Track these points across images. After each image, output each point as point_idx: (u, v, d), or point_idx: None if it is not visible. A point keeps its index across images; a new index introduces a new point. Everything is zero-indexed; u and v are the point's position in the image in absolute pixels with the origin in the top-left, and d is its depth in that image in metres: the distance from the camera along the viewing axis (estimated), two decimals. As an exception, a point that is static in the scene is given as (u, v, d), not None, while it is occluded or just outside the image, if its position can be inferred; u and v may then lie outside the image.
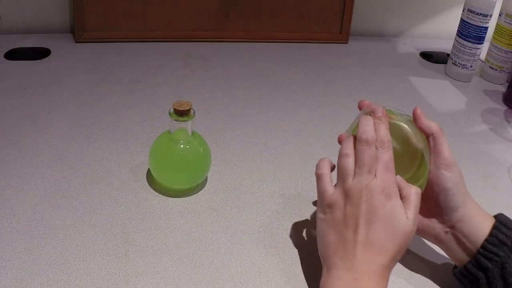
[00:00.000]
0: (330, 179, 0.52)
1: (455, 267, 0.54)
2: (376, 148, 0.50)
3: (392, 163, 0.50)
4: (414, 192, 0.50)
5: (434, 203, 0.53)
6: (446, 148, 0.52)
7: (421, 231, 0.55)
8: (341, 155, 0.52)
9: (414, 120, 0.54)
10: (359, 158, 0.50)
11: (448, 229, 0.53)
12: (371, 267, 0.47)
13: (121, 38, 1.03)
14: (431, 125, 0.53)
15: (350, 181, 0.50)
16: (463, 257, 0.52)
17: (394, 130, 0.53)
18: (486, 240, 0.50)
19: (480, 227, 0.51)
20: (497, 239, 0.49)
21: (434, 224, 0.53)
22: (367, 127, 0.52)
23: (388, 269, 0.48)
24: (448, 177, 0.51)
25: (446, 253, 0.55)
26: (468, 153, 0.79)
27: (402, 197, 0.50)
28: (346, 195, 0.50)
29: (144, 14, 1.04)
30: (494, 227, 0.50)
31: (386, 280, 0.48)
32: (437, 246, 0.56)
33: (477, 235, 0.51)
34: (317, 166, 0.54)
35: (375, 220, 0.48)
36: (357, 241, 0.48)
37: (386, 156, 0.50)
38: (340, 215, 0.50)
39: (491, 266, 0.49)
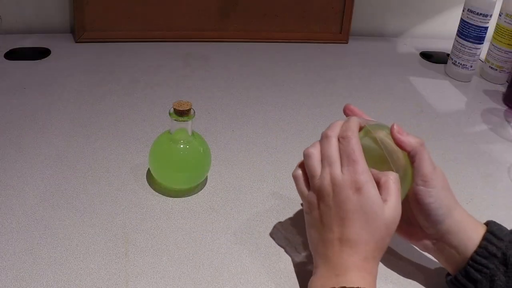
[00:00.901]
0: (305, 179, 0.52)
1: (448, 274, 0.53)
2: (339, 141, 0.50)
3: (358, 153, 0.48)
4: (392, 179, 0.49)
5: (419, 216, 0.52)
6: (425, 165, 0.50)
7: (408, 240, 0.55)
8: (304, 156, 0.52)
9: (393, 139, 0.52)
10: (321, 154, 0.50)
11: (435, 241, 0.52)
12: (350, 261, 0.47)
13: (121, 38, 1.03)
14: (410, 141, 0.51)
15: (316, 180, 0.50)
16: (454, 267, 0.52)
17: (374, 148, 0.52)
18: (475, 252, 0.49)
19: (469, 238, 0.50)
20: (486, 251, 0.49)
21: (422, 234, 0.53)
22: (332, 125, 0.52)
23: (370, 260, 0.47)
24: (427, 193, 0.50)
25: (437, 260, 0.54)
26: (468, 153, 0.79)
27: (380, 186, 0.48)
28: (317, 194, 0.50)
29: (144, 14, 1.04)
30: (484, 238, 0.49)
31: (370, 271, 0.47)
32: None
33: (466, 246, 0.50)
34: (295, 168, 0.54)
35: (345, 215, 0.47)
36: (333, 239, 0.48)
37: (349, 147, 0.49)
38: (316, 215, 0.50)
39: (481, 278, 0.49)
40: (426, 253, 0.57)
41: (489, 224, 0.51)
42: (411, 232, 0.54)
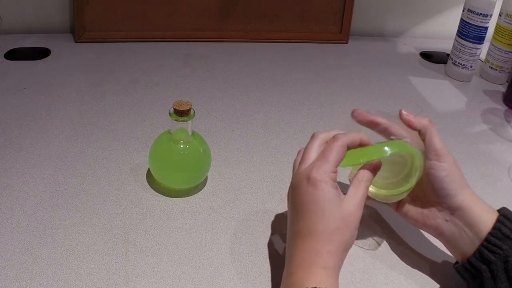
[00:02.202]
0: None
1: (456, 262, 0.54)
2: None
3: (333, 154, 0.49)
4: (363, 177, 0.51)
5: (432, 193, 0.53)
6: (436, 140, 0.52)
7: (421, 223, 0.55)
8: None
9: (403, 122, 0.54)
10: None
11: (448, 217, 0.53)
12: (301, 256, 0.47)
13: (121, 38, 1.03)
14: (421, 120, 0.54)
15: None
16: (465, 250, 0.52)
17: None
18: (489, 233, 0.50)
19: (482, 219, 0.51)
20: (500, 232, 0.49)
21: (434, 214, 0.54)
22: (330, 131, 0.54)
23: (323, 253, 0.47)
24: (440, 167, 0.52)
25: (447, 247, 0.55)
26: (468, 153, 0.79)
27: (352, 182, 0.51)
28: (290, 189, 0.52)
29: (144, 14, 1.04)
30: (498, 220, 0.50)
31: (324, 265, 0.46)
32: (437, 243, 0.56)
33: (479, 226, 0.51)
34: None
35: (299, 208, 0.49)
36: (288, 234, 0.50)
37: (330, 146, 0.50)
38: (288, 210, 0.52)
39: (494, 259, 0.49)
40: (433, 244, 0.57)
41: (502, 209, 0.52)
42: (423, 214, 0.55)
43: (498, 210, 0.52)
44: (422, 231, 0.60)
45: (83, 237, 0.57)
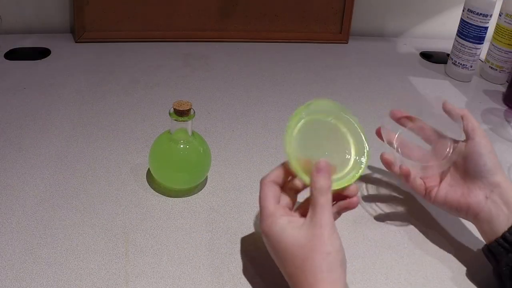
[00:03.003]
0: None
1: (485, 245, 0.55)
2: None
3: (262, 198, 0.51)
4: (313, 198, 0.49)
5: (474, 169, 0.56)
6: (476, 123, 0.57)
7: (463, 204, 0.56)
8: None
9: (445, 111, 0.60)
10: None
11: (488, 194, 0.55)
12: None
13: (121, 38, 1.03)
14: (461, 111, 0.59)
15: None
16: (498, 229, 0.53)
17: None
18: None
19: None
20: None
21: (475, 192, 0.56)
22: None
23: (314, 284, 0.45)
24: (483, 144, 0.56)
25: (480, 228, 0.56)
26: (468, 153, 0.79)
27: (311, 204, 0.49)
28: None
29: (144, 14, 1.04)
30: None
31: None
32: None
33: None
34: None
35: (274, 258, 0.50)
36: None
37: (259, 195, 0.52)
38: None
39: None
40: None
41: None
42: (463, 194, 0.57)
43: None
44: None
45: (83, 237, 0.57)
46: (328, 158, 0.51)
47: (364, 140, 0.54)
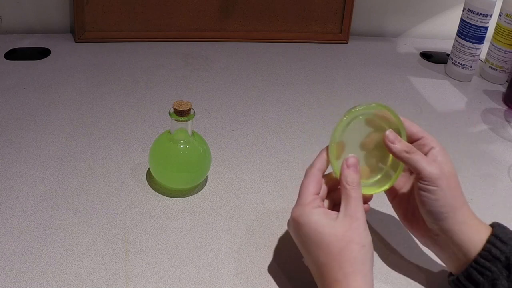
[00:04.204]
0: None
1: (451, 273, 0.53)
2: None
3: (303, 186, 0.51)
4: (343, 183, 0.50)
5: (421, 211, 0.52)
6: (424, 163, 0.50)
7: (414, 231, 0.55)
8: None
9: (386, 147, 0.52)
10: None
11: (437, 236, 0.52)
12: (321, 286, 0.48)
13: (121, 38, 1.03)
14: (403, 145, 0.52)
15: None
16: (455, 265, 0.51)
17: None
18: (479, 254, 0.49)
19: (472, 240, 0.49)
20: (490, 254, 0.48)
21: (424, 229, 0.53)
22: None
23: (340, 279, 0.46)
24: (431, 190, 0.49)
25: (439, 258, 0.54)
26: (468, 153, 0.79)
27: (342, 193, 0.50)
28: None
29: (144, 14, 1.04)
30: (488, 241, 0.49)
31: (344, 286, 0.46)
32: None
33: (468, 247, 0.49)
34: None
35: (301, 248, 0.50)
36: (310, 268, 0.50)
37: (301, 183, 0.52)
38: None
39: (483, 281, 0.48)
40: (428, 253, 0.57)
41: (494, 227, 0.51)
42: (414, 224, 0.54)
43: (492, 226, 0.51)
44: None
45: (83, 237, 0.57)
46: (363, 158, 0.53)
47: None
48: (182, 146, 0.63)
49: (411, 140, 0.53)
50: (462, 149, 0.80)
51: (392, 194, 0.57)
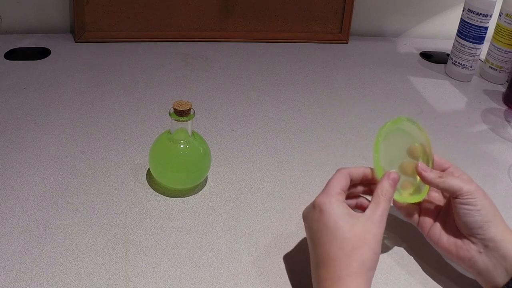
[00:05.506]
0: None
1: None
2: None
3: (333, 179, 0.52)
4: (377, 191, 0.52)
5: (464, 226, 0.52)
6: (459, 181, 0.53)
7: (454, 255, 0.54)
8: None
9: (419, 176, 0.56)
10: None
11: (482, 249, 0.51)
12: (323, 285, 0.47)
13: (121, 38, 1.03)
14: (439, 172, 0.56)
15: None
16: (497, 281, 0.50)
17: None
18: None
19: None
20: None
21: (467, 245, 0.52)
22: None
23: (343, 278, 0.46)
24: (472, 202, 0.52)
25: (478, 279, 0.53)
26: (468, 153, 0.79)
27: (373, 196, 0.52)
28: None
29: (144, 14, 1.04)
30: None
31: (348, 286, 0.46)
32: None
33: None
34: None
35: (313, 236, 0.50)
36: (311, 265, 0.50)
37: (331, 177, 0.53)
38: None
39: None
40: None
41: None
42: (456, 245, 0.53)
43: None
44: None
45: (83, 237, 0.57)
46: (398, 170, 0.56)
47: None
48: (182, 146, 0.63)
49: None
50: (462, 149, 0.80)
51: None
